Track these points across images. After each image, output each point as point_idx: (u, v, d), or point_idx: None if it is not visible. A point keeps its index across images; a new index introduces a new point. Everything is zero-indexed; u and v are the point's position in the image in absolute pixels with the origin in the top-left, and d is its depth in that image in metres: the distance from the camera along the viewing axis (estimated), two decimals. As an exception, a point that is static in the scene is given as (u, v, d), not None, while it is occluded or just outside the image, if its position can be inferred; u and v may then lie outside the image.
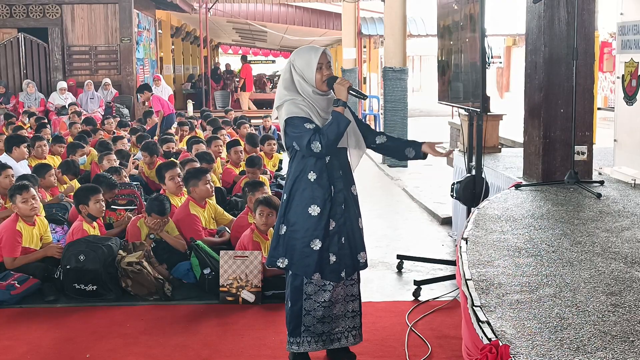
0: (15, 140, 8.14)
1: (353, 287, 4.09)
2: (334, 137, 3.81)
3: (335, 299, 3.99)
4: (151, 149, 8.77)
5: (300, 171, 3.92)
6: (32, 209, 5.70)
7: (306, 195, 3.90)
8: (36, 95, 15.75)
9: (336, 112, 3.84)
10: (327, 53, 3.96)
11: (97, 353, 4.40)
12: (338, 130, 3.81)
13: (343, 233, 3.96)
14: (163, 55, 22.39)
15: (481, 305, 2.95)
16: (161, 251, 5.81)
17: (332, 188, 3.92)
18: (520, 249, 3.81)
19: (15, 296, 5.24)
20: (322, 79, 3.90)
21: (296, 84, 3.92)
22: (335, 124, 3.80)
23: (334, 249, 3.93)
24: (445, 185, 7.36)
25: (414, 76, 36.51)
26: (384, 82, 12.65)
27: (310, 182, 3.89)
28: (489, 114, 5.73)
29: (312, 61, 3.89)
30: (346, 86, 3.87)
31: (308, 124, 3.83)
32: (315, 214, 3.88)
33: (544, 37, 5.61)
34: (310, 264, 3.90)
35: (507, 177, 6.04)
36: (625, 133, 5.85)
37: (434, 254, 6.56)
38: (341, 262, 3.96)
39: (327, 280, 3.94)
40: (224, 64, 28.53)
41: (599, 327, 2.73)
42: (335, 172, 3.94)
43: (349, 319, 4.08)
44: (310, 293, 3.96)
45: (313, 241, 3.89)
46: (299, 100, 3.89)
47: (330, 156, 3.92)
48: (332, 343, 4.04)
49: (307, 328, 3.98)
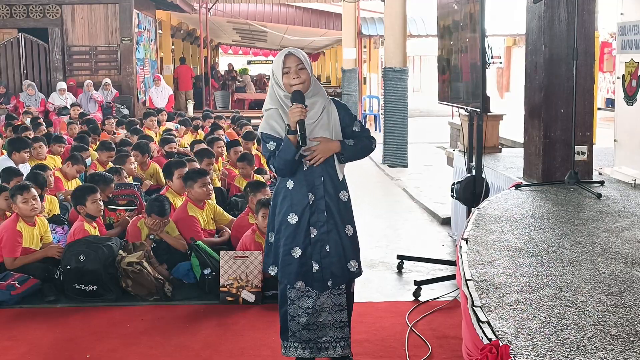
0: (18, 145, 8.13)
1: (340, 296, 3.96)
2: (283, 163, 3.76)
3: (320, 307, 3.92)
4: (143, 149, 8.61)
5: (281, 180, 3.92)
6: (33, 210, 5.70)
7: (285, 203, 3.87)
8: (36, 96, 15.75)
9: (286, 138, 3.75)
10: (295, 55, 3.82)
11: (97, 353, 4.40)
12: (286, 157, 3.74)
13: (327, 241, 3.86)
14: (163, 56, 22.39)
15: (481, 306, 2.95)
16: (161, 251, 5.81)
17: (311, 195, 3.85)
18: (521, 249, 3.81)
19: (16, 296, 5.24)
20: (290, 84, 3.80)
21: (273, 88, 3.88)
22: (283, 151, 3.75)
23: (317, 257, 3.85)
24: (446, 185, 7.36)
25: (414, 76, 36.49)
26: (384, 82, 12.65)
27: (289, 190, 3.86)
28: (489, 114, 5.74)
29: (279, 65, 3.82)
30: (295, 118, 3.70)
31: (271, 143, 3.80)
32: (294, 222, 3.84)
33: (544, 37, 5.61)
34: (292, 272, 3.86)
35: (507, 177, 6.04)
36: (626, 133, 5.85)
37: (434, 254, 6.56)
38: (325, 270, 3.86)
39: (312, 288, 3.89)
40: (225, 64, 28.55)
41: (599, 327, 2.73)
42: (316, 179, 3.85)
43: (337, 329, 3.97)
44: (293, 299, 3.92)
45: (293, 249, 3.85)
46: (272, 110, 3.85)
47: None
48: (319, 352, 3.98)
49: (294, 334, 3.95)
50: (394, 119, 12.42)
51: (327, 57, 35.44)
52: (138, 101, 17.54)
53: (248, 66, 43.95)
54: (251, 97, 24.52)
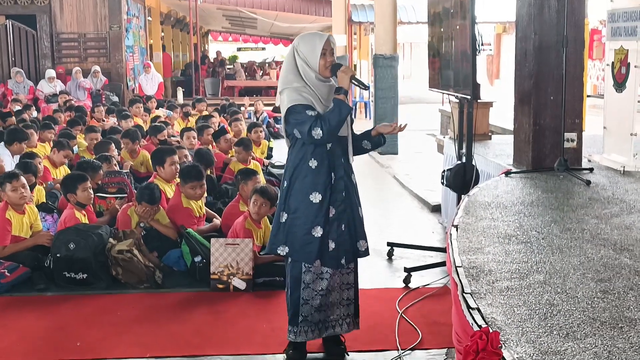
0: (19, 136, 8.09)
1: (349, 275, 4.09)
2: (336, 124, 3.80)
3: (331, 286, 4.01)
4: (132, 136, 8.54)
5: (300, 159, 3.92)
6: (22, 197, 5.68)
7: (307, 182, 3.90)
8: (25, 83, 15.64)
9: (338, 99, 3.84)
10: (331, 40, 3.97)
11: (87, 341, 4.39)
12: (340, 117, 3.80)
13: (343, 220, 3.96)
14: (153, 43, 22.27)
15: (471, 292, 2.96)
16: (152, 239, 5.80)
17: (333, 175, 3.93)
18: (510, 236, 3.83)
19: (5, 285, 5.22)
20: (326, 65, 3.91)
21: (300, 69, 3.92)
22: (337, 111, 3.80)
23: (334, 236, 3.94)
24: (436, 172, 7.37)
25: (404, 63, 36.46)
26: (375, 70, 12.63)
27: (312, 169, 3.90)
28: (479, 101, 5.73)
29: (317, 47, 3.90)
30: (349, 75, 3.89)
31: (310, 111, 3.83)
32: (317, 201, 3.89)
33: (534, 24, 5.61)
34: (312, 251, 3.91)
35: (497, 165, 6.05)
36: (615, 120, 5.87)
37: (424, 241, 6.57)
38: (340, 249, 3.96)
39: (326, 267, 3.95)
40: (214, 52, 28.42)
41: (589, 313, 2.74)
42: (337, 159, 3.94)
43: (344, 306, 4.08)
44: (308, 282, 3.97)
45: (315, 228, 3.90)
46: (301, 86, 3.89)
47: (332, 143, 3.92)
48: (326, 330, 4.06)
49: (305, 318, 3.99)
50: (385, 106, 12.41)
51: (317, 44, 35.30)
52: (128, 88, 17.46)
53: (238, 53, 43.74)
54: (241, 84, 24.45)
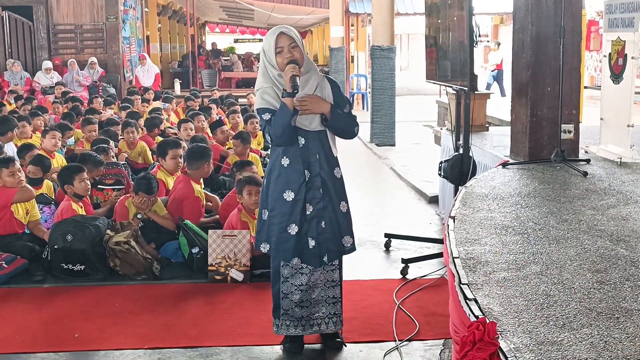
0: (9, 125, 8.16)
1: (334, 272, 4.04)
2: (280, 128, 3.75)
3: (314, 283, 3.98)
4: (133, 125, 8.56)
5: (275, 157, 3.92)
6: (19, 182, 5.69)
7: (281, 180, 3.88)
8: (22, 74, 15.59)
9: (282, 102, 3.76)
10: (287, 34, 3.85)
11: (85, 332, 4.40)
12: (282, 120, 3.73)
13: (324, 217, 3.91)
14: (150, 34, 22.21)
15: (468, 283, 2.97)
16: (149, 230, 5.81)
17: (307, 173, 3.87)
18: (507, 227, 3.83)
19: (3, 276, 5.22)
20: (284, 62, 3.81)
21: (266, 68, 3.90)
22: (279, 114, 3.75)
23: (313, 234, 3.89)
24: (433, 163, 7.38)
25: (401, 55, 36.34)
26: (372, 61, 12.61)
27: (284, 168, 3.87)
28: (477, 92, 5.73)
29: (271, 44, 3.83)
30: (289, 75, 3.74)
31: (266, 114, 3.80)
32: (290, 199, 3.86)
33: (532, 15, 5.60)
34: (289, 249, 3.89)
35: (494, 156, 6.05)
36: (612, 111, 5.87)
37: (421, 232, 6.58)
38: (322, 246, 3.91)
39: (307, 264, 3.93)
40: (209, 43, 28.35)
41: (585, 304, 2.75)
42: (312, 156, 3.88)
43: (330, 305, 4.04)
44: (287, 276, 3.96)
45: (290, 226, 3.87)
46: (267, 87, 3.86)
47: (305, 140, 3.87)
48: (311, 328, 4.03)
49: (286, 312, 3.99)
50: (382, 97, 12.41)
51: (314, 35, 35.26)
52: (125, 80, 17.41)
53: (235, 44, 43.64)
54: (239, 75, 24.42)
